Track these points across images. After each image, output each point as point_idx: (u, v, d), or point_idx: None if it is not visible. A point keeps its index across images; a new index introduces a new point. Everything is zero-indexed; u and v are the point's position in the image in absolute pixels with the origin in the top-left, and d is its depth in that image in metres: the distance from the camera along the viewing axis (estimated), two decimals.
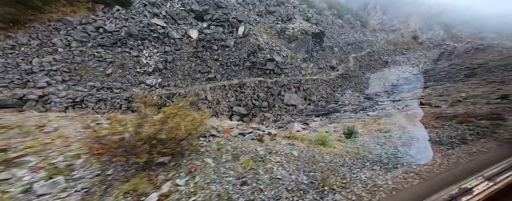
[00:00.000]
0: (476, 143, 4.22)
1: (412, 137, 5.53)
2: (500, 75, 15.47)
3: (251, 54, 21.95)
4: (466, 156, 3.54)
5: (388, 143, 5.18)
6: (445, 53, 40.15)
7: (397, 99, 14.93)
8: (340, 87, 28.82)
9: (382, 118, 9.01)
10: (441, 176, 1.65)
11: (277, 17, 28.58)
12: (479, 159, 2.95)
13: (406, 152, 4.52)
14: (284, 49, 26.99)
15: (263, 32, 26.43)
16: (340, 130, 6.98)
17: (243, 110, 17.44)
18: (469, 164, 1.73)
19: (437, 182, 1.37)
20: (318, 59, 30.21)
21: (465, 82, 18.76)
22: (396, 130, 6.30)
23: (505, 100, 8.43)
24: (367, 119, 9.31)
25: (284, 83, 22.94)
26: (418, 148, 4.67)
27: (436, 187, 1.16)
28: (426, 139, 5.23)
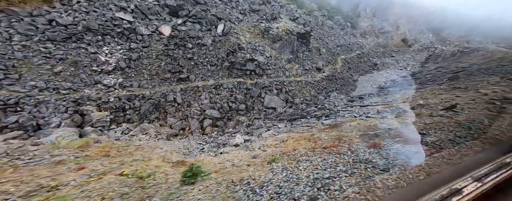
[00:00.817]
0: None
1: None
2: (478, 79, 14.96)
3: (231, 53, 20.70)
4: None
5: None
6: (432, 56, 40.03)
7: (365, 104, 14.01)
8: (325, 89, 27.92)
9: (323, 129, 7.94)
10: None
11: (261, 16, 27.43)
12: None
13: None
14: (268, 49, 25.87)
15: (246, 31, 25.23)
16: (268, 150, 5.94)
17: (216, 114, 16.16)
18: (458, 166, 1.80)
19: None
20: (303, 60, 29.23)
21: (449, 85, 18.17)
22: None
23: (450, 111, 7.57)
24: (308, 130, 8.28)
25: (266, 84, 21.79)
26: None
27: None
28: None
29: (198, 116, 15.46)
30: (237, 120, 16.57)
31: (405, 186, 3.00)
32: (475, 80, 13.75)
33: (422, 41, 56.05)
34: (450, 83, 17.61)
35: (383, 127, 6.49)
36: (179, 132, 13.46)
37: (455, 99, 9.30)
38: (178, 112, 14.83)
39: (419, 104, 9.36)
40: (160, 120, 13.72)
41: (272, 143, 6.74)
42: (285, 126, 12.25)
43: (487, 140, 4.37)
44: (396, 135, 5.55)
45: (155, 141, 9.95)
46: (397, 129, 6.10)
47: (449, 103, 8.26)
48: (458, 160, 3.58)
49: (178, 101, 15.14)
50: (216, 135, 14.78)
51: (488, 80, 12.59)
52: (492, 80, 12.53)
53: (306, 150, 5.50)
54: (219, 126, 16.28)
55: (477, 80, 13.49)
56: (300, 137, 6.86)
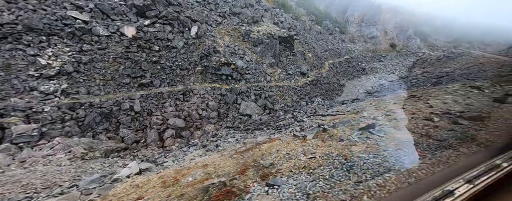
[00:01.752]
0: None
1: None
2: (457, 84, 14.11)
3: (205, 57, 19.22)
4: None
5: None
6: (419, 61, 39.54)
7: (325, 113, 12.55)
8: (308, 94, 26.62)
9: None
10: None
11: (242, 19, 26.22)
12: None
13: None
14: (249, 53, 24.54)
15: (225, 34, 23.89)
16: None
17: (180, 123, 14.48)
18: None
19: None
20: (287, 64, 28.00)
21: (408, 94, 16.87)
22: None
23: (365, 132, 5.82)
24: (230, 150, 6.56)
25: (243, 90, 20.30)
26: None
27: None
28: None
29: (159, 126, 13.75)
30: (203, 130, 14.92)
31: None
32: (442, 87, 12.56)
33: (410, 46, 56.02)
34: (410, 93, 16.52)
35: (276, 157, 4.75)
36: (130, 146, 11.71)
37: (396, 112, 7.87)
38: (134, 122, 13.09)
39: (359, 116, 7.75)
40: (110, 132, 11.95)
41: (150, 179, 4.98)
42: (236, 139, 10.62)
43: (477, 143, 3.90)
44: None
45: (58, 166, 7.90)
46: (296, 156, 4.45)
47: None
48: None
49: (135, 109, 13.42)
50: (176, 147, 13.06)
51: (447, 88, 11.51)
52: (452, 87, 11.51)
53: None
54: (184, 137, 14.58)
55: (442, 87, 12.32)
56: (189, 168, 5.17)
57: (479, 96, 9.08)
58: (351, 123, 6.69)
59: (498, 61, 20.25)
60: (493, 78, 14.14)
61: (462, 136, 4.44)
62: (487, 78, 12.85)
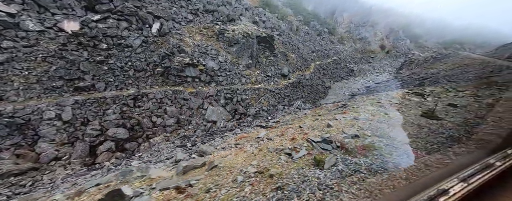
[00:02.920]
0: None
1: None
2: (435, 85, 12.51)
3: (167, 57, 16.95)
4: None
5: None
6: (406, 62, 37.77)
7: (268, 125, 10.45)
8: (288, 97, 24.48)
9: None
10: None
11: (217, 17, 24.04)
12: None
13: None
14: (223, 53, 22.33)
15: (197, 33, 21.64)
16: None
17: (123, 133, 12.17)
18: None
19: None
20: (266, 65, 25.85)
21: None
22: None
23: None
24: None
25: (211, 93, 18.08)
26: None
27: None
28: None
29: (94, 138, 11.42)
30: (149, 142, 12.62)
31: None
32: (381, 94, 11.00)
33: (399, 47, 54.43)
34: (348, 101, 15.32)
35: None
36: (44, 165, 9.38)
37: (332, 126, 5.88)
38: (60, 134, 10.74)
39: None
40: (22, 148, 9.61)
41: None
42: (181, 150, 8.34)
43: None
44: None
45: None
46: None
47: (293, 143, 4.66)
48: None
49: (64, 118, 11.07)
50: (112, 164, 10.77)
51: (387, 94, 9.94)
52: (392, 94, 10.09)
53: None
54: (128, 150, 12.26)
55: (380, 94, 10.80)
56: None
57: (408, 108, 7.36)
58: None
59: (482, 62, 18.78)
60: (473, 80, 13.38)
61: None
62: (468, 80, 11.66)
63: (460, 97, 8.76)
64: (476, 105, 7.51)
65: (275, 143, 5.35)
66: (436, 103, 7.74)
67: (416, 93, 9.10)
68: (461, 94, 8.90)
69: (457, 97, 8.83)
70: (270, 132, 7.89)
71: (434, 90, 11.01)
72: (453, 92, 9.96)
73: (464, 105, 7.56)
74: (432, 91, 10.44)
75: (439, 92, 10.26)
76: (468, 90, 9.24)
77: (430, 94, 9.54)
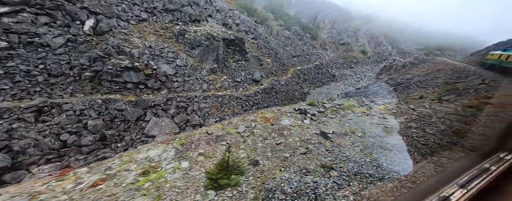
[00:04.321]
0: None
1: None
2: (404, 94, 10.95)
3: (99, 59, 14.11)
4: None
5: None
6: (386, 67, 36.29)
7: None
8: (257, 104, 21.91)
9: None
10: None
11: (179, 17, 21.50)
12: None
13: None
14: (183, 56, 19.66)
15: (151, 33, 18.95)
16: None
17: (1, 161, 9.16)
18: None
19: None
20: (236, 70, 23.33)
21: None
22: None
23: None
24: None
25: (158, 102, 15.25)
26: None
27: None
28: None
29: None
30: (31, 171, 9.57)
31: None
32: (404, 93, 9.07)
33: (381, 52, 53.43)
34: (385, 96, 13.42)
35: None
36: None
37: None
38: None
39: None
40: None
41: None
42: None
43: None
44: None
45: None
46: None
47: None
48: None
49: None
50: None
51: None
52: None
53: None
54: (5, 183, 9.19)
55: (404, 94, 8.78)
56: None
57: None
58: None
59: (453, 67, 18.25)
60: (440, 85, 12.72)
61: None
62: (436, 86, 11.03)
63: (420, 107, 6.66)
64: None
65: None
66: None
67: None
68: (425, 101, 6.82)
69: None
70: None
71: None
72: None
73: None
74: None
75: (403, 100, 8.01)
76: (433, 96, 7.63)
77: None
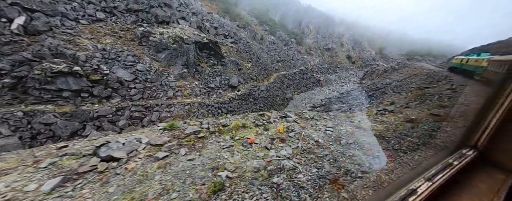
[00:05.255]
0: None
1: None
2: (383, 97, 10.90)
3: (26, 63, 11.58)
4: None
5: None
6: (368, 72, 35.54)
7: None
8: (231, 112, 19.77)
9: None
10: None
11: (144, 18, 19.34)
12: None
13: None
14: (147, 60, 17.33)
15: (107, 34, 16.57)
16: None
17: None
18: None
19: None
20: (210, 75, 21.22)
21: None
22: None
23: None
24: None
25: (105, 112, 12.76)
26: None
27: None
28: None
29: None
30: None
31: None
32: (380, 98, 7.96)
33: (365, 58, 53.33)
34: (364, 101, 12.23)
35: None
36: None
37: None
38: None
39: None
40: None
41: None
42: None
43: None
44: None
45: None
46: None
47: None
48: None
49: None
50: None
51: None
52: None
53: None
54: None
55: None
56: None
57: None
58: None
59: (428, 72, 18.41)
60: (413, 90, 12.01)
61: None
62: (409, 91, 10.81)
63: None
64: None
65: None
66: None
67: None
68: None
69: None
70: None
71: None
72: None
73: None
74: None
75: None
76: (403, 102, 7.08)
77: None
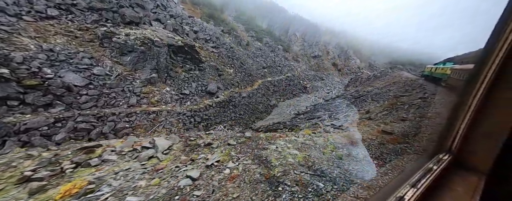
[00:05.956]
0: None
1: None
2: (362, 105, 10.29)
3: None
4: None
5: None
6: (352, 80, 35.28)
7: None
8: (206, 121, 17.82)
9: None
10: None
11: (109, 17, 17.43)
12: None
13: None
14: (108, 63, 15.20)
15: (58, 34, 14.44)
16: None
17: None
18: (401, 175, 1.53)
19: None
20: (184, 81, 19.33)
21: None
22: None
23: None
24: None
25: (36, 124, 10.42)
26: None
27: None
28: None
29: None
30: None
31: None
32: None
33: (350, 65, 53.84)
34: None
35: None
36: None
37: None
38: None
39: None
40: None
41: None
42: None
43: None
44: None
45: None
46: None
47: None
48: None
49: None
50: None
51: None
52: None
53: None
54: None
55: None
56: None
57: None
58: None
59: (406, 80, 18.33)
60: (390, 99, 11.58)
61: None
62: (386, 99, 10.33)
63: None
64: None
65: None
66: None
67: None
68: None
69: None
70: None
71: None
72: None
73: None
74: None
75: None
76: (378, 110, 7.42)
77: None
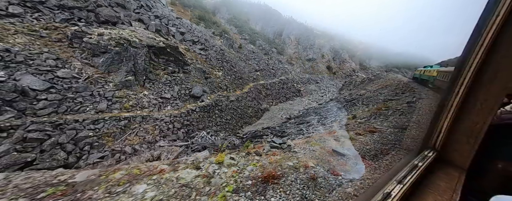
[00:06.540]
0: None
1: None
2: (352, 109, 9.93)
3: None
4: None
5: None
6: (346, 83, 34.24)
7: None
8: (187, 126, 16.33)
9: None
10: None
11: (82, 16, 16.15)
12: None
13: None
14: (77, 65, 13.80)
15: (20, 33, 13.05)
16: None
17: None
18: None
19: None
20: (166, 84, 17.95)
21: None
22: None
23: None
24: None
25: None
26: None
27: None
28: None
29: None
30: None
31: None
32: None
33: (345, 69, 53.04)
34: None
35: None
36: None
37: None
38: None
39: None
40: None
41: None
42: None
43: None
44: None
45: None
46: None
47: None
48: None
49: None
50: None
51: None
52: None
53: None
54: None
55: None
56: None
57: None
58: None
59: (398, 83, 17.88)
60: (380, 102, 11.33)
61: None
62: (376, 103, 9.92)
63: None
64: None
65: None
66: None
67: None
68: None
69: None
70: None
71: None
72: None
73: None
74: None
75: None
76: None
77: None
